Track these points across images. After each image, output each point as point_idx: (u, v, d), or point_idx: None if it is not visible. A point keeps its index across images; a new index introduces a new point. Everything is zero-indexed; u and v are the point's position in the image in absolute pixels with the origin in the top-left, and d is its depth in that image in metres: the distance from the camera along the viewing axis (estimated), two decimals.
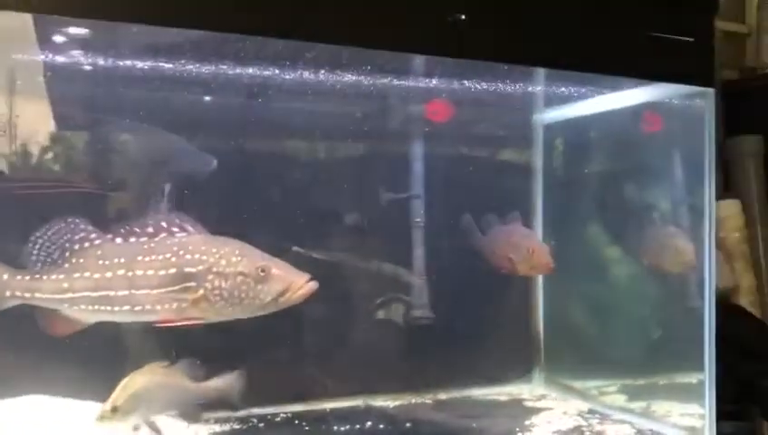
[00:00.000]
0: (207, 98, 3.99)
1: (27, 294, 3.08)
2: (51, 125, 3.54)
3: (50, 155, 3.70)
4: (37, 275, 3.11)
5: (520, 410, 4.34)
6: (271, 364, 4.09)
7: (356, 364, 4.36)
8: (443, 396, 4.51)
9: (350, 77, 3.86)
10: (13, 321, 3.11)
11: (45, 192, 3.68)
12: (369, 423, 3.91)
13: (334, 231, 4.40)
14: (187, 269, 3.04)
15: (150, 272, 3.07)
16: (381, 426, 3.86)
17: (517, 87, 4.30)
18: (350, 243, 4.42)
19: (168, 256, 3.06)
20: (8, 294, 3.06)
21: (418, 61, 3.76)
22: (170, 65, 3.59)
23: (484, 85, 4.17)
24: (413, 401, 4.40)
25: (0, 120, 3.43)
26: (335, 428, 3.76)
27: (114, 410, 2.81)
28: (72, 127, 3.77)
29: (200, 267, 3.04)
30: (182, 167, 3.80)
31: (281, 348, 4.17)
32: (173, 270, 3.05)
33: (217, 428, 3.53)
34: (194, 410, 3.27)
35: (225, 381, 3.29)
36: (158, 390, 2.98)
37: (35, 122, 3.57)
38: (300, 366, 4.27)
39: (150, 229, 3.13)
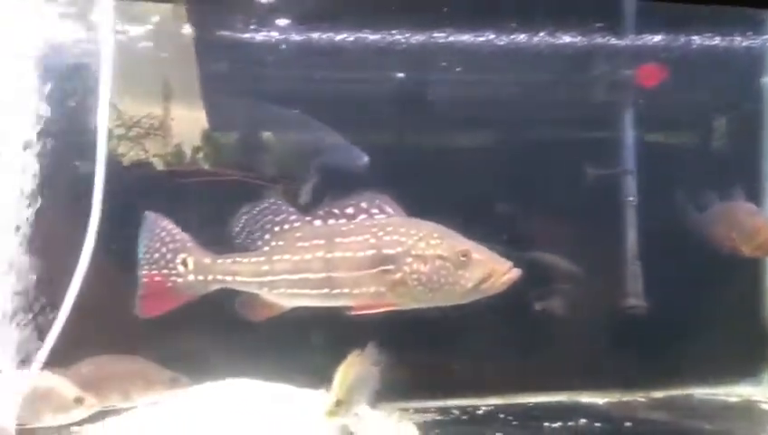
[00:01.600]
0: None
1: (228, 278, 3.06)
2: (204, 125, 3.53)
3: (206, 151, 3.73)
4: (238, 259, 3.09)
5: (756, 414, 3.78)
6: (466, 355, 3.88)
7: (558, 358, 4.03)
8: (658, 394, 4.06)
9: (553, 40, 3.54)
10: (215, 305, 3.17)
11: (221, 184, 3.70)
12: (582, 420, 3.56)
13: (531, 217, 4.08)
14: (386, 251, 2.89)
15: (349, 254, 2.96)
16: (597, 424, 3.50)
17: (744, 40, 3.74)
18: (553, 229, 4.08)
19: (367, 237, 2.94)
20: (210, 278, 3.05)
21: (629, 16, 3.36)
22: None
23: (704, 41, 3.67)
24: (623, 398, 3.99)
25: (156, 121, 3.48)
26: (546, 424, 3.44)
27: (339, 403, 2.74)
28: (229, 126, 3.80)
29: (399, 249, 2.88)
30: (333, 160, 3.71)
31: (477, 338, 3.94)
32: (371, 252, 2.91)
33: (417, 417, 3.37)
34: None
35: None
36: (368, 379, 2.88)
37: (190, 122, 3.60)
38: (497, 358, 4.01)
39: (350, 210, 3.01)
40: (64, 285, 2.79)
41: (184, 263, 3.07)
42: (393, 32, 3.61)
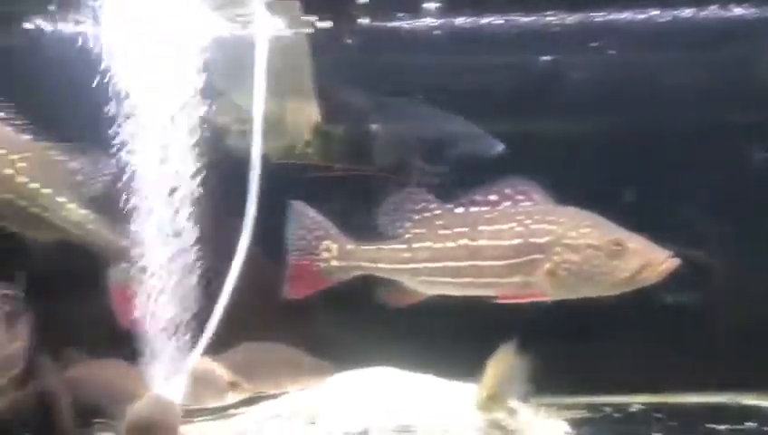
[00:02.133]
0: None
1: (370, 265, 3.07)
2: (316, 117, 3.49)
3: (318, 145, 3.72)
4: (380, 246, 3.10)
5: None
6: (615, 349, 3.66)
7: (716, 356, 3.72)
8: None
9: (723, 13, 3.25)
10: (357, 292, 3.18)
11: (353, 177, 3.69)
12: (751, 424, 3.26)
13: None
14: (533, 240, 2.78)
15: (494, 242, 2.87)
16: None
17: None
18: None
19: (513, 225, 2.83)
20: (353, 264, 3.08)
21: None
22: None
23: None
24: None
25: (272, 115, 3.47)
26: (710, 426, 3.18)
27: (491, 397, 2.68)
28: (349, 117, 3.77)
29: (547, 238, 2.75)
30: (466, 149, 3.58)
31: (627, 332, 3.71)
32: (518, 240, 2.80)
33: (566, 414, 3.22)
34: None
35: None
36: (517, 373, 2.79)
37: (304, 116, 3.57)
38: (647, 354, 3.76)
39: (493, 197, 2.92)
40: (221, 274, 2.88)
41: (327, 249, 3.13)
42: (535, 12, 3.45)
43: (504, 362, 2.73)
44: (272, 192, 3.15)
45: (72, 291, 3.01)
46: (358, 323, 3.48)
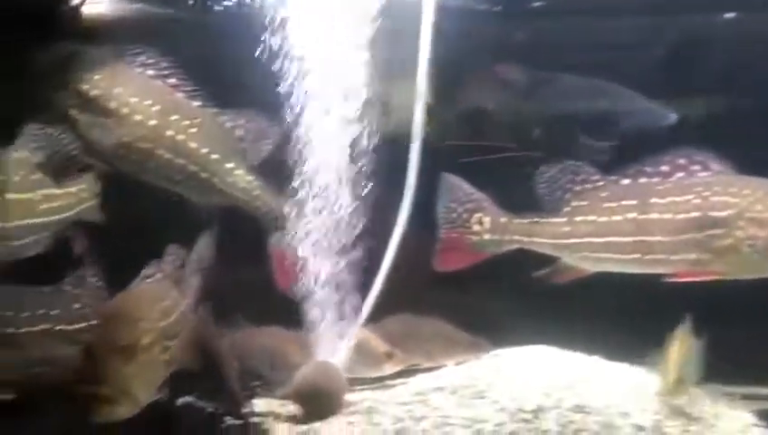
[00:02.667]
0: None
1: (525, 239, 2.95)
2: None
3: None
4: (536, 219, 2.96)
5: None
6: None
7: None
8: None
9: None
10: (513, 267, 3.07)
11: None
12: None
13: None
14: (713, 213, 2.58)
15: (667, 216, 2.69)
16: None
17: None
18: None
19: (689, 197, 2.63)
20: (507, 237, 2.97)
21: None
22: None
23: None
24: None
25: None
26: None
27: (677, 381, 2.51)
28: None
29: (729, 211, 2.55)
30: (636, 122, 3.35)
31: None
32: (695, 214, 2.61)
33: (747, 405, 2.96)
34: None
35: None
36: (694, 357, 2.61)
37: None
38: None
39: (665, 168, 2.73)
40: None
41: (479, 222, 3.04)
42: None
43: (684, 345, 2.54)
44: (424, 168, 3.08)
45: (236, 257, 3.03)
46: (512, 299, 3.34)
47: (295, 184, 2.78)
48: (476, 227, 3.02)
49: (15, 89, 2.72)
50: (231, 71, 3.03)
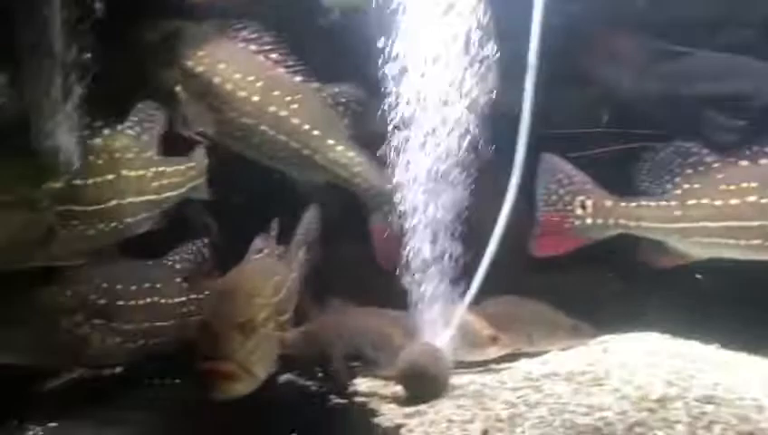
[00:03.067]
0: None
1: (632, 223, 2.82)
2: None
3: None
4: (644, 203, 2.82)
5: None
6: None
7: None
8: None
9: None
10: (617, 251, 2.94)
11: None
12: None
13: None
14: None
15: None
16: None
17: None
18: None
19: None
20: (611, 221, 2.84)
21: None
22: None
23: None
24: None
25: None
26: None
27: None
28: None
29: None
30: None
31: None
32: None
33: None
34: None
35: None
36: None
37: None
38: None
39: None
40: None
41: (582, 205, 2.92)
42: None
43: None
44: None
45: (336, 235, 2.99)
46: (617, 284, 3.24)
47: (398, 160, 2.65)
48: (579, 211, 2.90)
49: (123, 67, 2.73)
50: (327, 43, 2.99)
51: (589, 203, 2.89)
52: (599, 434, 1.99)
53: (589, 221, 2.88)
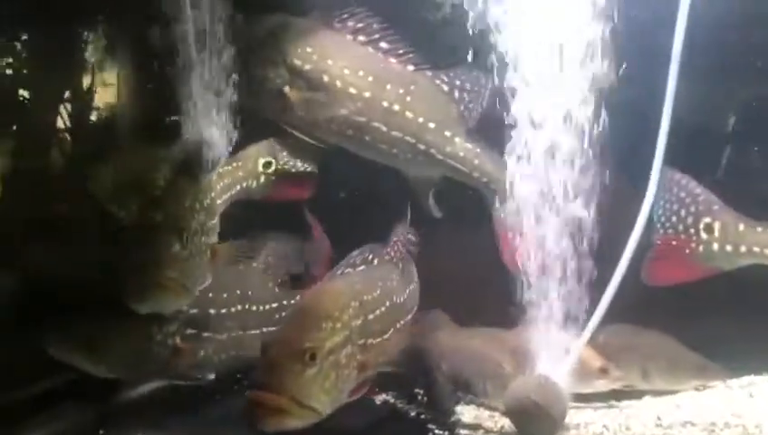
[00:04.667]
0: None
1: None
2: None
3: None
4: None
5: None
6: None
7: None
8: None
9: None
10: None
11: None
12: None
13: None
14: None
15: None
16: None
17: None
18: None
19: None
20: (743, 249, 2.46)
21: None
22: None
23: None
24: None
25: None
26: None
27: None
28: None
29: None
30: None
31: None
32: None
33: None
34: None
35: None
36: None
37: None
38: None
39: None
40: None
41: (708, 228, 2.57)
42: None
43: None
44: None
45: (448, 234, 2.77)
46: (752, 319, 2.83)
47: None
48: (704, 235, 2.55)
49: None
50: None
51: (716, 226, 2.53)
52: None
53: (715, 247, 2.51)
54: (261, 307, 2.56)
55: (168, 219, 2.28)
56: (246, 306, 2.53)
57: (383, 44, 2.62)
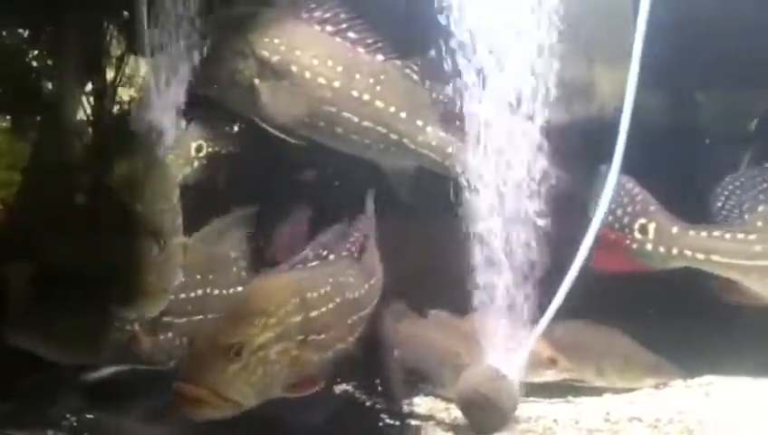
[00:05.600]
0: None
1: (699, 256, 2.50)
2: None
3: None
4: (716, 233, 2.51)
5: None
6: None
7: None
8: None
9: None
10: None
11: None
12: None
13: None
14: None
15: None
16: None
17: None
18: None
19: None
20: (674, 251, 2.53)
21: None
22: None
23: None
24: None
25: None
26: None
27: None
28: None
29: None
30: None
31: None
32: None
33: None
34: None
35: None
36: None
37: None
38: None
39: None
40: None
41: (643, 229, 2.64)
42: None
43: None
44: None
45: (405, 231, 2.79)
46: (694, 320, 2.87)
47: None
48: (638, 235, 2.62)
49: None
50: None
51: (651, 227, 2.60)
52: None
53: (648, 247, 2.58)
54: (223, 291, 2.53)
55: (147, 223, 2.29)
56: (208, 290, 2.51)
57: (351, 34, 2.62)
